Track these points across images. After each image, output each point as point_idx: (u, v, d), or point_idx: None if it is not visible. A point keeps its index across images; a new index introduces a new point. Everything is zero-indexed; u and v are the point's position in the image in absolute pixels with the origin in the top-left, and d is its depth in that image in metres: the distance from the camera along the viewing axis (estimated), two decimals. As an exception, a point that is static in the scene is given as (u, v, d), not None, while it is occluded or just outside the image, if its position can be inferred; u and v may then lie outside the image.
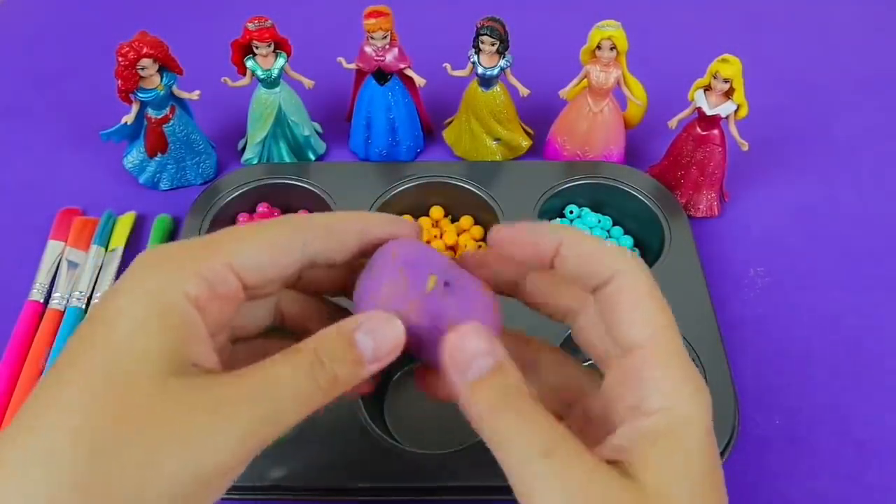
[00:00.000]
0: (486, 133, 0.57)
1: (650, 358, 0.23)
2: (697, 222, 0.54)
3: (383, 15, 0.51)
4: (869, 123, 0.63)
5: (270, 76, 0.53)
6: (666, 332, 0.24)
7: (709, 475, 0.22)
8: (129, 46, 0.49)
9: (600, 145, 0.55)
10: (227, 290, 0.23)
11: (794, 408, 0.45)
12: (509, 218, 0.50)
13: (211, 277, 0.23)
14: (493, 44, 0.51)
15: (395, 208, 0.53)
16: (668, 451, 0.22)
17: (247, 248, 0.24)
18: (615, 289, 0.24)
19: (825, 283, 0.51)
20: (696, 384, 0.23)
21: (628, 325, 0.24)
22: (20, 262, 0.51)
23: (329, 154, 0.60)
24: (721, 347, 0.43)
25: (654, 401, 0.23)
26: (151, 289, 0.22)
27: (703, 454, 0.23)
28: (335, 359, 0.23)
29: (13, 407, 0.43)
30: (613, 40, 0.50)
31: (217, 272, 0.23)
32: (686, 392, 0.23)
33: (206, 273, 0.23)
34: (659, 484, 0.22)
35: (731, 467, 0.41)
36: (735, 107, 0.49)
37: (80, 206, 0.55)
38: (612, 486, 0.22)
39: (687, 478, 0.22)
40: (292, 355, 0.23)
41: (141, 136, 0.54)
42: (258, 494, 0.39)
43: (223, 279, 0.23)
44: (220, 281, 0.23)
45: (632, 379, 0.23)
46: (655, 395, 0.23)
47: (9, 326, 0.47)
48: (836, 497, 0.41)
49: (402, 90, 0.55)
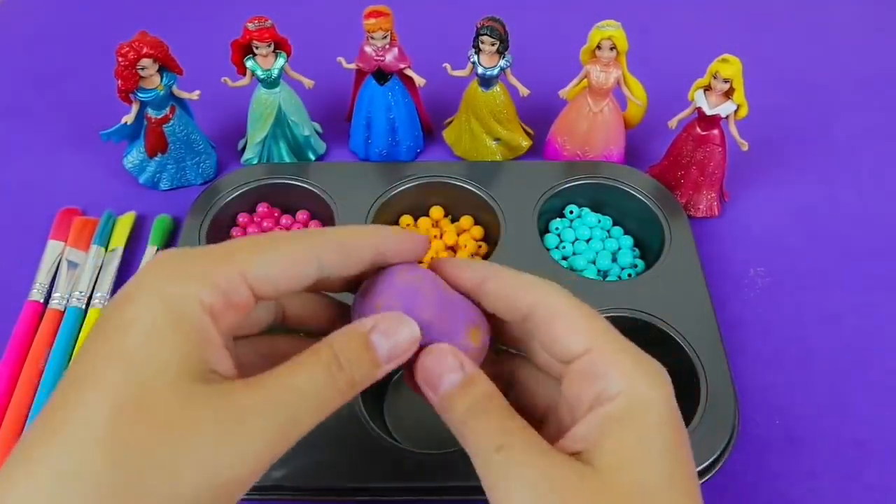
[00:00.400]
0: (486, 133, 0.57)
1: (600, 355, 0.24)
2: (697, 222, 0.54)
3: (383, 15, 0.51)
4: (869, 123, 0.63)
5: (270, 76, 0.53)
6: (607, 333, 0.25)
7: (670, 451, 0.23)
8: (129, 46, 0.49)
9: (600, 145, 0.55)
10: (239, 300, 0.23)
11: (794, 408, 0.45)
12: (509, 218, 0.50)
13: (225, 287, 0.23)
14: (493, 44, 0.51)
15: (395, 208, 0.53)
16: (625, 431, 0.23)
17: (262, 260, 0.24)
18: (543, 313, 0.26)
19: (825, 283, 0.51)
20: (651, 367, 0.24)
21: (566, 339, 0.25)
22: (20, 262, 0.51)
23: (329, 154, 0.60)
24: (721, 347, 0.43)
25: (613, 386, 0.24)
26: (166, 296, 0.22)
27: (664, 431, 0.23)
28: (353, 361, 0.24)
29: (13, 407, 0.43)
30: (613, 40, 0.50)
31: (231, 282, 0.23)
32: (641, 375, 0.24)
33: (221, 283, 0.23)
34: (615, 463, 0.23)
35: (731, 467, 0.41)
36: (735, 107, 0.49)
37: (80, 206, 0.55)
38: (567, 472, 0.22)
39: (644, 455, 0.23)
40: (310, 359, 0.23)
41: (141, 136, 0.54)
42: (258, 494, 0.39)
43: (237, 289, 0.23)
44: (233, 291, 0.23)
45: (587, 378, 0.24)
46: (613, 382, 0.24)
47: (9, 326, 0.47)
48: (836, 497, 0.41)
49: (402, 90, 0.55)
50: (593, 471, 0.23)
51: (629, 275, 0.50)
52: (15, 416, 0.42)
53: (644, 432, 0.23)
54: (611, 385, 0.24)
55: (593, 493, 0.22)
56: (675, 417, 0.24)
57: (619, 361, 0.24)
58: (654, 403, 0.24)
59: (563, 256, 0.51)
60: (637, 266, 0.51)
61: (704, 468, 0.39)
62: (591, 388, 0.24)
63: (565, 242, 0.52)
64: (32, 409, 0.43)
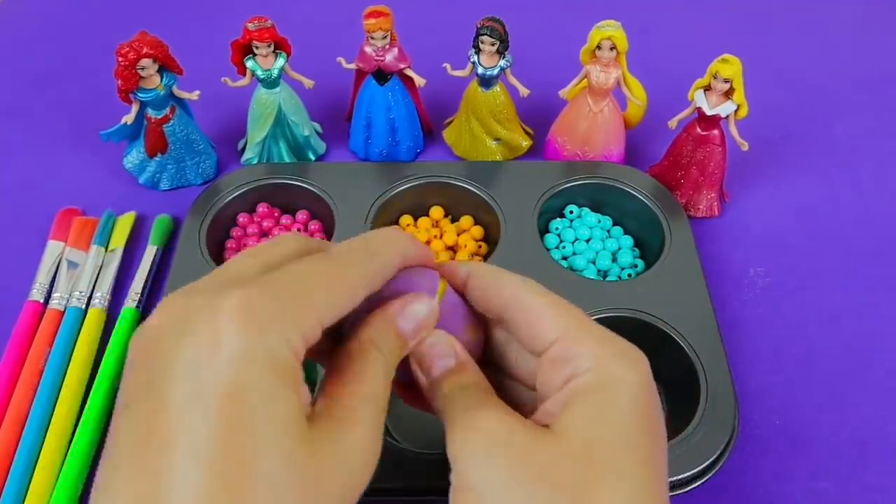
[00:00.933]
0: (486, 133, 0.57)
1: (571, 341, 0.25)
2: (697, 222, 0.54)
3: (383, 15, 0.51)
4: (869, 123, 0.63)
5: (270, 76, 0.53)
6: (579, 321, 0.26)
7: (635, 423, 0.23)
8: (129, 46, 0.49)
9: (600, 145, 0.55)
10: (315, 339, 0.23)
11: (794, 408, 0.45)
12: (509, 218, 0.50)
13: (309, 335, 0.22)
14: (493, 44, 0.51)
15: (395, 208, 0.53)
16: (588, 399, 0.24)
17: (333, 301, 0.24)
18: (516, 305, 0.27)
19: (825, 283, 0.51)
20: (626, 351, 0.25)
21: (537, 328, 0.26)
22: (20, 262, 0.51)
23: (329, 154, 0.60)
24: (721, 347, 0.43)
25: (583, 365, 0.24)
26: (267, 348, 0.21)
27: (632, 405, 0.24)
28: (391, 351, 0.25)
29: (13, 407, 0.43)
30: (613, 40, 0.50)
31: (313, 329, 0.23)
32: (613, 356, 0.25)
33: (306, 330, 0.22)
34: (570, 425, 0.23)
35: (731, 467, 0.41)
36: (735, 107, 0.49)
37: (80, 206, 0.55)
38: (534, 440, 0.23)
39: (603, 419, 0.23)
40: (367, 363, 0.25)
41: (141, 136, 0.54)
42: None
43: (315, 332, 0.23)
44: (313, 336, 0.23)
45: (557, 363, 0.25)
46: (583, 361, 0.24)
47: (9, 326, 0.47)
48: (836, 497, 0.41)
49: (402, 90, 0.55)
50: (561, 440, 0.23)
51: (629, 275, 0.50)
52: (15, 417, 0.42)
53: (608, 402, 0.24)
54: (580, 365, 0.25)
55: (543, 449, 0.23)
56: (647, 398, 0.24)
57: (589, 344, 0.25)
58: (625, 383, 0.24)
59: (563, 256, 0.51)
60: (637, 266, 0.51)
61: (704, 468, 0.39)
62: (562, 371, 0.25)
63: (565, 242, 0.52)
64: (32, 408, 0.43)
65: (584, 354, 0.25)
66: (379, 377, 0.25)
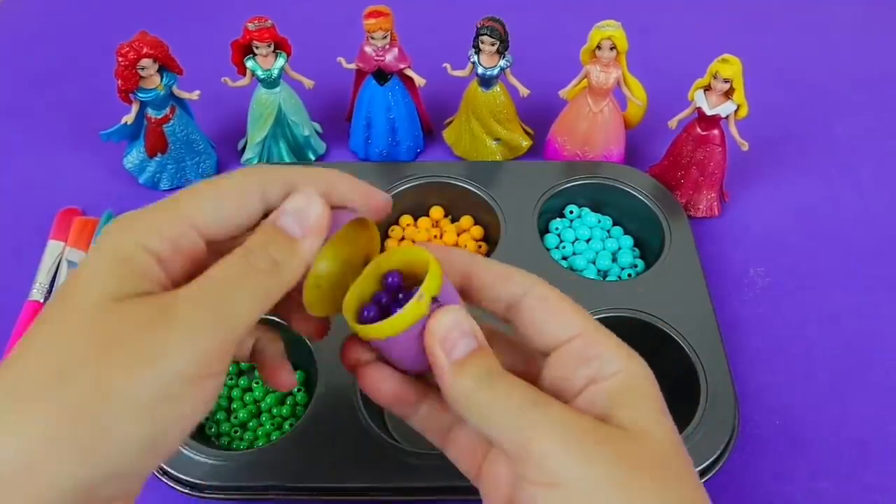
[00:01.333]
0: (486, 133, 0.57)
1: (591, 339, 0.26)
2: (697, 222, 0.54)
3: (383, 15, 0.51)
4: (869, 123, 0.63)
5: (270, 76, 0.53)
6: (591, 321, 0.27)
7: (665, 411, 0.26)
8: (129, 46, 0.49)
9: (600, 145, 0.55)
10: (188, 245, 0.24)
11: (794, 408, 0.45)
12: (509, 218, 0.50)
13: (171, 234, 0.24)
14: (493, 44, 0.51)
15: (396, 208, 0.53)
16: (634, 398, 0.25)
17: (206, 204, 0.25)
18: (533, 301, 0.27)
19: (825, 283, 0.51)
20: (630, 350, 0.26)
21: (554, 324, 0.27)
22: (20, 262, 0.51)
23: (329, 154, 0.60)
24: (721, 347, 0.43)
25: (610, 366, 0.25)
26: (111, 246, 0.23)
27: (657, 397, 0.26)
28: (266, 244, 0.25)
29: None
30: (613, 40, 0.50)
31: (178, 229, 0.24)
32: (627, 356, 0.26)
33: (167, 231, 0.24)
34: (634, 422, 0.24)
35: (731, 467, 0.41)
36: (735, 107, 0.49)
37: (80, 206, 0.55)
38: (599, 425, 0.24)
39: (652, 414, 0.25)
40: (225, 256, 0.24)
41: (141, 136, 0.54)
42: (258, 494, 0.39)
43: (184, 235, 0.24)
44: (181, 237, 0.24)
45: (578, 360, 0.26)
46: (610, 361, 0.26)
47: (9, 326, 0.47)
48: (836, 497, 0.41)
49: (402, 90, 0.55)
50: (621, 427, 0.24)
51: (629, 275, 0.50)
52: (15, 416, 0.42)
53: (649, 403, 0.25)
54: (607, 365, 0.25)
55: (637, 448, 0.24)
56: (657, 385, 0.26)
57: (610, 345, 0.26)
58: (647, 378, 0.26)
59: (563, 256, 0.51)
60: (637, 266, 0.51)
61: (705, 468, 0.39)
62: (585, 369, 0.26)
63: (565, 242, 0.52)
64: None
65: (607, 356, 0.26)
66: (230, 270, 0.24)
